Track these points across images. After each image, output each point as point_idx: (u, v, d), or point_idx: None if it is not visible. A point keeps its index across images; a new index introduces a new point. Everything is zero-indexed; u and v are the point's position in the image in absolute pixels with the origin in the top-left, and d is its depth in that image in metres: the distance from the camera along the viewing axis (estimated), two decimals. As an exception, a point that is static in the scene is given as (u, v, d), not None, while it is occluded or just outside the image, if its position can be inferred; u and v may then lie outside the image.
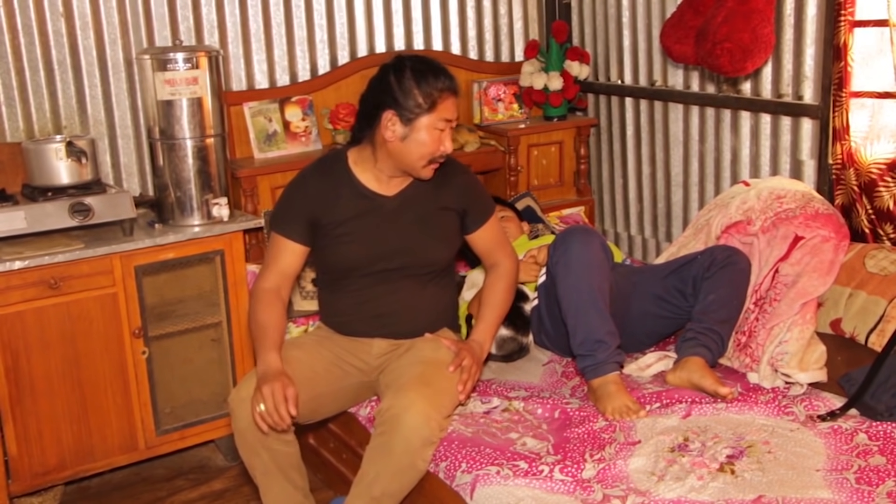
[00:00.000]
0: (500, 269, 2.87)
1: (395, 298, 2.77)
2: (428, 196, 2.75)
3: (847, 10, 3.09)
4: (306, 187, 2.75)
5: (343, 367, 2.77)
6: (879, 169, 3.09)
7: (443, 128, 2.59)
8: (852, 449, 2.37)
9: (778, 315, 2.86)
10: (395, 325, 2.79)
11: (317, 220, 2.70)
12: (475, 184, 2.92)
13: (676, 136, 3.99)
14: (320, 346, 2.79)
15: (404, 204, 2.73)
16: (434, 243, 2.77)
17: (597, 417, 2.65)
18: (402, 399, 2.47)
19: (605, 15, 4.24)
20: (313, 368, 2.69)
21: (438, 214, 2.77)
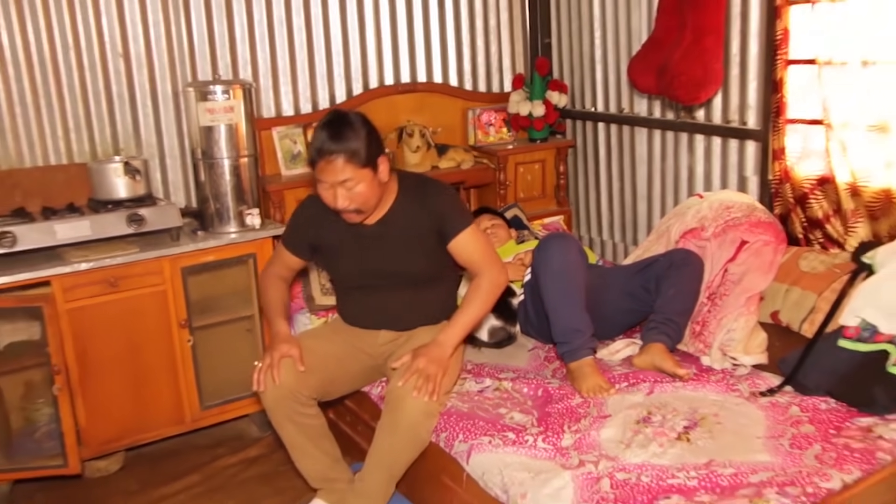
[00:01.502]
0: (479, 279, 2.66)
1: (393, 302, 2.73)
2: (406, 220, 2.64)
3: (783, 51, 3.11)
4: (306, 213, 2.73)
5: (354, 353, 2.76)
6: (810, 184, 3.12)
7: (326, 186, 2.47)
8: (787, 419, 2.39)
9: (727, 308, 2.87)
10: (397, 321, 2.77)
11: (314, 242, 2.73)
12: (448, 201, 2.69)
13: (641, 155, 3.98)
14: (335, 335, 2.79)
15: (384, 230, 2.64)
16: (417, 260, 2.68)
17: (574, 395, 2.65)
18: (398, 380, 2.49)
19: (580, 52, 4.23)
20: (329, 354, 2.69)
21: (417, 235, 2.64)
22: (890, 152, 2.80)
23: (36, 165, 3.32)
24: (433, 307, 2.83)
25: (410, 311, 2.77)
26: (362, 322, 2.80)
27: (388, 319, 2.77)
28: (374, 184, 2.50)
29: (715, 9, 3.21)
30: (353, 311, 2.83)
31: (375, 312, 2.77)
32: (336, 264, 2.78)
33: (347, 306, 2.85)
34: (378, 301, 2.75)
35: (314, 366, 2.60)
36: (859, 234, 2.96)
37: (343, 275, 2.79)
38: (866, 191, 2.89)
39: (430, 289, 2.79)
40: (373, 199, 2.53)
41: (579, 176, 4.41)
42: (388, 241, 2.64)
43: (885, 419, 2.34)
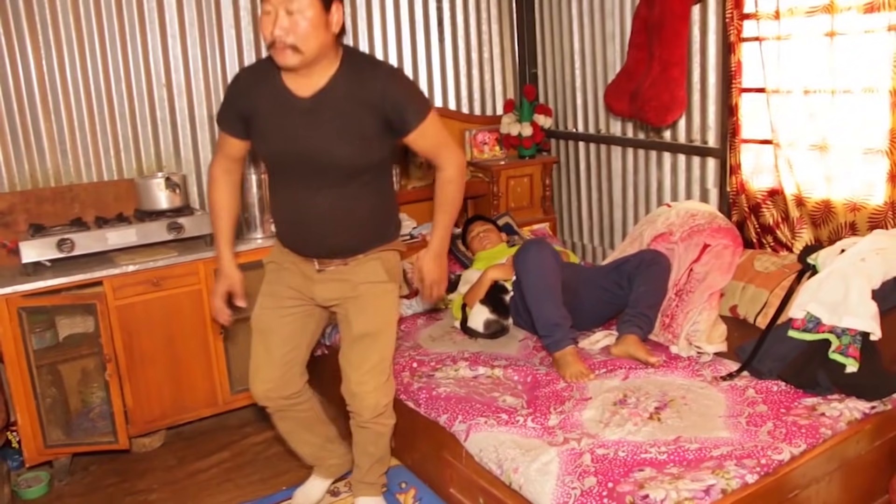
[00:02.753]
0: (445, 173, 2.26)
1: (318, 206, 2.19)
2: (346, 99, 2.08)
3: (737, 81, 3.13)
4: (238, 84, 2.21)
5: (307, 310, 2.40)
6: (762, 195, 3.14)
7: (267, 10, 1.97)
8: (744, 400, 2.40)
9: (692, 303, 2.88)
10: (323, 239, 2.24)
11: (245, 115, 2.18)
12: (405, 85, 2.15)
13: (617, 170, 3.98)
14: (283, 292, 2.36)
15: (320, 105, 2.08)
16: (350, 143, 2.10)
17: (559, 380, 2.65)
18: (355, 386, 2.33)
19: (563, 81, 4.23)
20: (290, 333, 2.39)
21: (357, 115, 2.08)
22: (829, 168, 2.82)
23: (91, 181, 3.33)
24: (363, 222, 2.26)
25: (337, 225, 2.21)
26: (291, 242, 2.32)
27: (314, 238, 2.25)
28: (320, 24, 1.99)
29: (678, 44, 3.22)
30: (280, 220, 2.34)
31: (299, 226, 2.26)
32: (264, 140, 2.18)
33: (276, 211, 2.34)
34: (302, 207, 2.21)
35: (284, 357, 2.39)
36: (804, 239, 2.98)
37: (267, 155, 2.22)
38: (810, 201, 2.91)
39: (363, 195, 2.22)
40: (313, 42, 1.98)
41: (563, 188, 4.41)
42: (320, 120, 2.10)
43: (827, 399, 2.36)
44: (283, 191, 2.25)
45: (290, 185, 2.21)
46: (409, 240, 3.88)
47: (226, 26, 3.54)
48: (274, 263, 2.41)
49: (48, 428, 2.92)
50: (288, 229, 2.32)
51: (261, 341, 2.41)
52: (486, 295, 3.15)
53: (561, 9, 4.13)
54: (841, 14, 2.67)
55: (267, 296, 2.40)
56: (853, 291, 2.39)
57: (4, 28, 3.09)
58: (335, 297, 2.34)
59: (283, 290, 2.37)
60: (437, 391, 2.64)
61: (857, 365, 2.32)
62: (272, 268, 2.42)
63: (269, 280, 2.42)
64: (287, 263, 2.36)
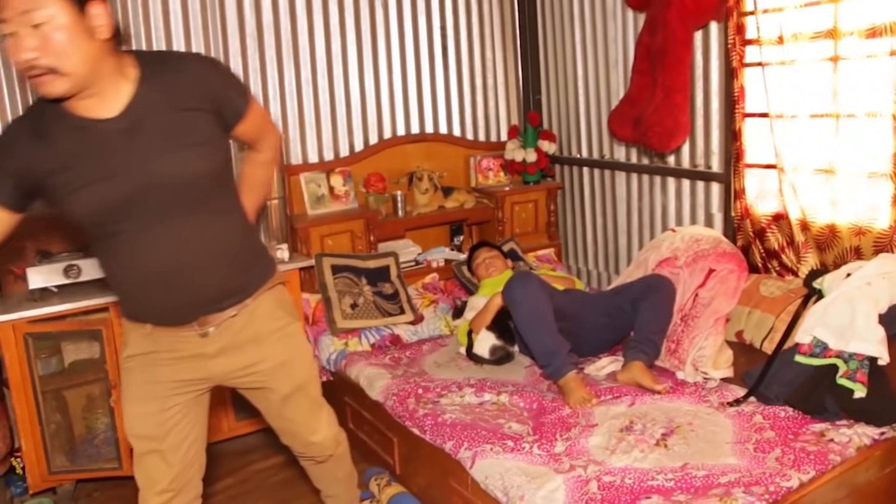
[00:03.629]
0: (265, 154, 2.00)
1: (181, 244, 1.71)
2: (165, 101, 1.65)
3: (740, 106, 3.13)
4: (8, 138, 1.67)
5: (193, 396, 1.92)
6: (767, 220, 3.13)
7: (9, 32, 1.49)
8: (751, 426, 2.39)
9: (698, 328, 2.87)
10: (198, 286, 1.76)
11: (29, 175, 1.64)
12: (217, 71, 1.77)
13: (621, 195, 3.98)
14: (158, 390, 1.86)
15: (137, 117, 1.63)
16: (193, 152, 1.67)
17: (564, 407, 2.64)
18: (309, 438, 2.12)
19: (566, 107, 4.25)
20: (177, 434, 1.91)
21: (186, 118, 1.67)
22: (833, 192, 2.82)
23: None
24: (227, 249, 1.81)
25: (212, 254, 1.76)
26: (160, 309, 1.79)
27: (179, 290, 1.75)
28: (80, 32, 1.51)
29: (682, 70, 3.24)
30: (126, 289, 1.80)
31: (169, 272, 1.72)
32: (72, 202, 1.64)
33: (127, 278, 1.77)
34: (150, 254, 1.71)
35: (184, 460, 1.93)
36: (809, 263, 2.97)
37: (88, 214, 1.66)
38: (814, 225, 2.91)
39: (225, 214, 1.81)
40: (75, 57, 1.51)
41: (567, 214, 4.41)
42: (145, 136, 1.63)
43: (836, 425, 2.34)
44: (127, 246, 1.71)
45: (136, 234, 1.69)
46: (413, 266, 3.89)
47: (232, 53, 3.58)
48: (139, 357, 1.87)
49: (52, 454, 2.92)
50: (147, 294, 1.77)
51: (149, 448, 1.90)
52: (491, 321, 3.14)
53: (564, 35, 4.16)
54: (844, 39, 2.68)
55: (142, 401, 1.88)
56: (860, 316, 2.39)
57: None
58: (239, 369, 1.91)
59: (163, 388, 1.87)
60: (443, 418, 2.63)
61: (866, 390, 2.31)
62: (137, 364, 1.87)
63: (138, 380, 1.88)
64: (160, 351, 1.85)
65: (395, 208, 3.90)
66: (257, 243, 1.97)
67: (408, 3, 4.04)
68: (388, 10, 3.98)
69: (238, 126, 1.80)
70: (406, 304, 3.54)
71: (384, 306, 3.49)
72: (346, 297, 3.42)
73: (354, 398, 3.15)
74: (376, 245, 3.76)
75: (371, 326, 3.42)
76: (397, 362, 3.21)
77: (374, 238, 3.74)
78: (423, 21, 4.10)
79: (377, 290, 3.54)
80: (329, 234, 3.62)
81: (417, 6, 4.07)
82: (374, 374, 3.06)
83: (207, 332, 1.83)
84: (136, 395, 1.88)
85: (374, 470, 2.93)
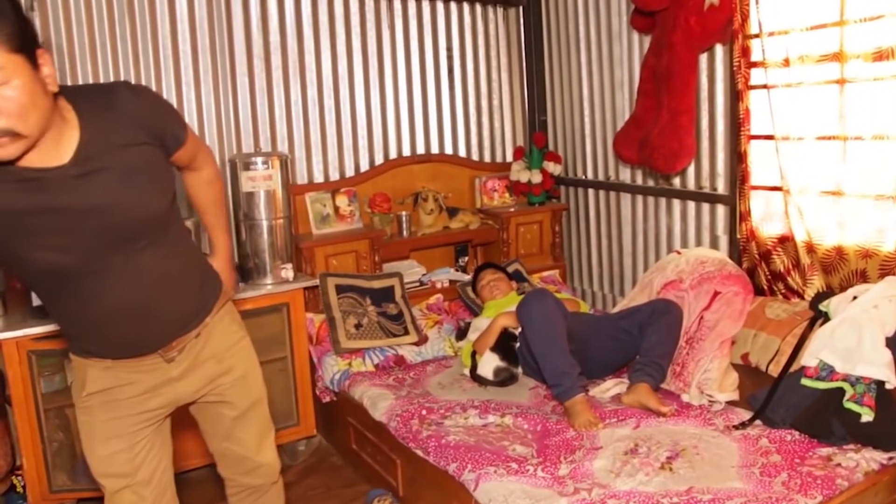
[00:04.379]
0: (204, 172, 1.92)
1: (145, 276, 1.68)
2: (107, 143, 1.56)
3: (745, 128, 3.15)
4: None
5: (159, 423, 1.90)
6: (772, 242, 3.13)
7: None
8: (757, 450, 2.37)
9: (703, 351, 2.86)
10: (165, 315, 1.74)
11: None
12: (151, 99, 1.68)
13: (626, 217, 3.99)
14: (125, 425, 1.82)
15: (88, 162, 1.53)
16: (145, 192, 1.62)
17: (569, 429, 2.62)
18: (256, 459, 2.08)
19: (572, 128, 4.27)
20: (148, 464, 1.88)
21: (131, 157, 1.59)
22: (839, 214, 2.82)
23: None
24: (197, 271, 1.86)
25: (176, 282, 1.75)
26: (124, 343, 1.75)
27: (157, 312, 1.73)
28: (35, 87, 1.40)
29: (687, 92, 3.27)
30: (98, 319, 1.70)
31: (135, 307, 1.69)
32: (34, 263, 1.59)
33: (87, 317, 1.71)
34: (127, 281, 1.67)
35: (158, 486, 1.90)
36: (815, 286, 2.97)
37: (57, 260, 1.58)
38: (820, 248, 2.91)
39: (180, 242, 1.81)
40: (34, 116, 1.40)
41: (572, 235, 4.42)
42: (101, 178, 1.55)
43: (843, 449, 2.32)
44: (91, 288, 1.64)
45: (100, 274, 1.63)
46: (418, 286, 3.89)
47: (239, 73, 3.62)
48: (99, 395, 1.80)
49: (54, 473, 2.91)
50: (115, 331, 1.72)
51: (122, 485, 1.86)
52: (495, 342, 3.14)
53: (570, 57, 4.19)
54: (850, 62, 2.70)
55: (109, 439, 1.82)
56: (866, 339, 2.38)
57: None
58: (204, 386, 1.91)
59: (129, 423, 1.83)
60: (447, 439, 2.62)
61: (873, 414, 2.30)
62: (98, 402, 1.81)
63: (101, 419, 1.81)
64: (122, 385, 1.80)
65: (400, 228, 3.91)
66: (205, 261, 1.95)
67: (414, 25, 4.07)
68: (394, 31, 4.02)
69: (177, 152, 1.75)
70: (410, 325, 3.54)
71: (388, 327, 3.49)
72: (351, 317, 3.42)
73: (358, 419, 3.14)
74: (381, 265, 3.77)
75: (375, 347, 3.41)
76: (401, 383, 3.20)
77: (379, 258, 3.74)
78: (429, 42, 4.14)
79: (381, 310, 3.53)
80: (334, 254, 3.63)
81: (424, 27, 4.11)
82: (377, 395, 3.05)
83: (173, 357, 1.82)
84: (102, 434, 1.83)
85: (377, 492, 2.91)
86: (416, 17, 4.07)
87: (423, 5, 4.09)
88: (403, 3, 4.02)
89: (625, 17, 3.77)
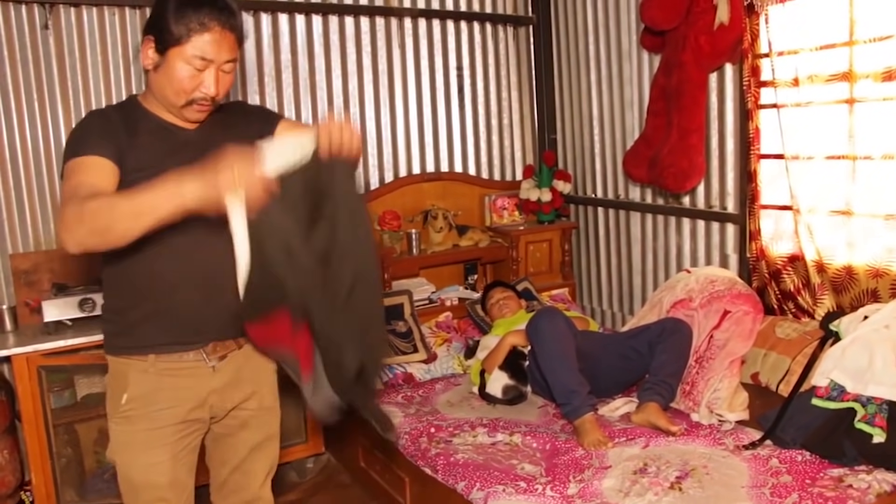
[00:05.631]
0: None
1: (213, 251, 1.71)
2: (231, 120, 1.85)
3: (755, 147, 3.16)
4: (107, 117, 1.76)
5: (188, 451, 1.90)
6: (782, 261, 3.13)
7: (200, 67, 1.68)
8: (767, 470, 2.36)
9: (713, 370, 2.85)
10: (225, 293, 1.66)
11: (121, 156, 1.68)
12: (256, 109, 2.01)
13: (636, 235, 4.00)
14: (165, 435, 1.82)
15: (208, 135, 1.77)
16: None
17: (578, 448, 2.62)
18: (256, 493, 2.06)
19: (581, 147, 4.29)
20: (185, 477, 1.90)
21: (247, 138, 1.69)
22: (850, 234, 2.83)
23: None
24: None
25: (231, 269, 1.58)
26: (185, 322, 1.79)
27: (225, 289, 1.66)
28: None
29: (697, 111, 3.28)
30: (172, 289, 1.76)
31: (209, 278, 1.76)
32: None
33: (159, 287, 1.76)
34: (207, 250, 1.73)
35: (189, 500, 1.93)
36: (826, 305, 2.96)
37: None
38: (830, 267, 2.91)
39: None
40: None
41: (582, 253, 4.43)
42: (217, 146, 1.54)
43: (854, 470, 2.31)
44: (177, 249, 1.72)
45: (187, 236, 1.68)
46: (427, 304, 3.91)
47: (250, 92, 3.66)
48: (140, 400, 1.81)
49: (62, 488, 2.92)
50: (178, 298, 1.77)
51: (157, 497, 1.87)
52: (504, 361, 3.14)
53: (580, 75, 4.22)
54: (859, 82, 2.72)
55: (151, 449, 1.83)
56: (878, 359, 2.38)
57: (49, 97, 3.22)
58: (236, 405, 1.93)
59: (170, 433, 1.84)
60: (455, 457, 2.62)
61: (885, 435, 2.29)
62: (139, 409, 1.81)
63: (142, 428, 1.82)
64: (163, 390, 1.81)
65: (410, 246, 3.93)
66: None
67: (424, 43, 4.12)
68: (405, 49, 4.06)
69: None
70: (419, 343, 3.55)
71: (397, 344, 3.50)
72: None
73: (367, 436, 3.14)
74: (390, 283, 3.78)
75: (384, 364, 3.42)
76: (410, 401, 3.21)
77: (389, 276, 3.76)
78: (439, 61, 4.17)
79: (391, 327, 3.55)
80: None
81: (434, 46, 4.15)
82: (386, 413, 3.04)
83: (215, 364, 1.86)
84: (144, 444, 1.83)
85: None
86: (426, 35, 4.12)
87: (434, 24, 4.13)
88: (414, 21, 4.07)
89: (635, 36, 3.80)
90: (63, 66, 3.24)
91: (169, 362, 1.81)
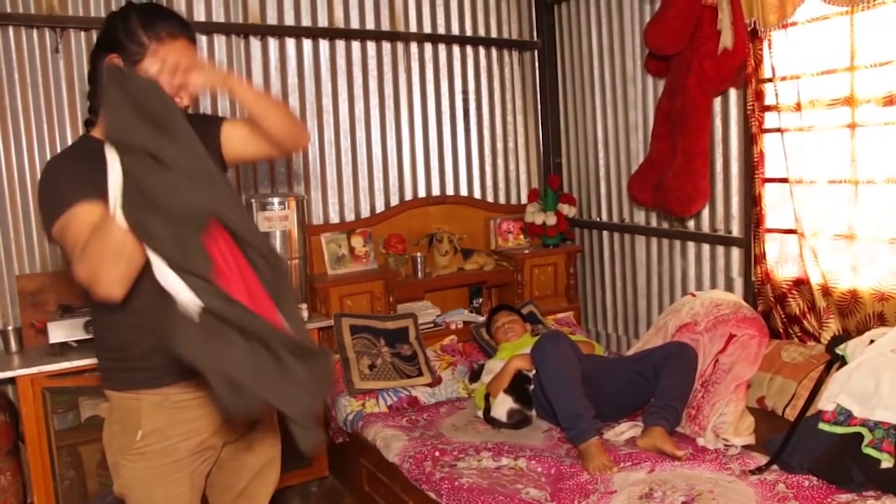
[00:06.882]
0: None
1: None
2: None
3: (759, 171, 3.18)
4: (68, 169, 1.66)
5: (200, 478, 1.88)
6: (788, 285, 3.14)
7: (170, 69, 1.62)
8: (774, 495, 2.34)
9: (718, 394, 2.84)
10: None
11: (101, 189, 1.50)
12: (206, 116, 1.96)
13: (641, 259, 4.01)
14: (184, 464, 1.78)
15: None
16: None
17: (583, 472, 2.61)
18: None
19: (586, 170, 4.31)
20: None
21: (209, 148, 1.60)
22: (854, 257, 2.84)
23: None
24: None
25: None
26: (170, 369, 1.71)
27: None
28: None
29: (701, 135, 3.31)
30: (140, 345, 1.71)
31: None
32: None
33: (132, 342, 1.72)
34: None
35: None
36: (832, 329, 2.97)
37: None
38: (836, 291, 2.92)
39: None
40: None
41: (587, 277, 4.44)
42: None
43: (862, 496, 2.29)
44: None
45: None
46: (432, 328, 3.92)
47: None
48: (155, 435, 1.75)
49: (64, 512, 2.92)
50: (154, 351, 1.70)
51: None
52: (509, 384, 3.14)
53: (584, 99, 4.26)
54: (861, 107, 2.74)
55: (171, 484, 1.78)
56: (885, 383, 2.37)
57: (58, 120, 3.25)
58: (244, 429, 1.92)
59: (187, 464, 1.80)
60: (460, 482, 2.61)
61: (893, 460, 2.27)
62: (155, 445, 1.75)
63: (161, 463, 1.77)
64: (178, 423, 1.77)
65: (415, 269, 3.95)
66: None
67: (430, 68, 4.16)
68: (410, 74, 4.10)
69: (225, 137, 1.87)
70: (424, 366, 3.56)
71: (402, 368, 3.51)
72: (364, 358, 3.44)
73: (370, 460, 3.14)
74: (395, 306, 3.80)
75: (388, 388, 3.43)
76: (414, 424, 3.21)
77: (394, 299, 3.77)
78: (444, 85, 4.22)
79: (395, 351, 3.56)
80: (349, 295, 3.66)
81: (440, 70, 4.20)
82: (390, 436, 3.06)
83: None
84: (162, 478, 1.77)
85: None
86: (432, 60, 4.17)
87: (439, 48, 4.18)
88: (420, 46, 4.12)
89: (639, 60, 3.85)
90: (73, 89, 3.28)
91: (183, 393, 1.76)
